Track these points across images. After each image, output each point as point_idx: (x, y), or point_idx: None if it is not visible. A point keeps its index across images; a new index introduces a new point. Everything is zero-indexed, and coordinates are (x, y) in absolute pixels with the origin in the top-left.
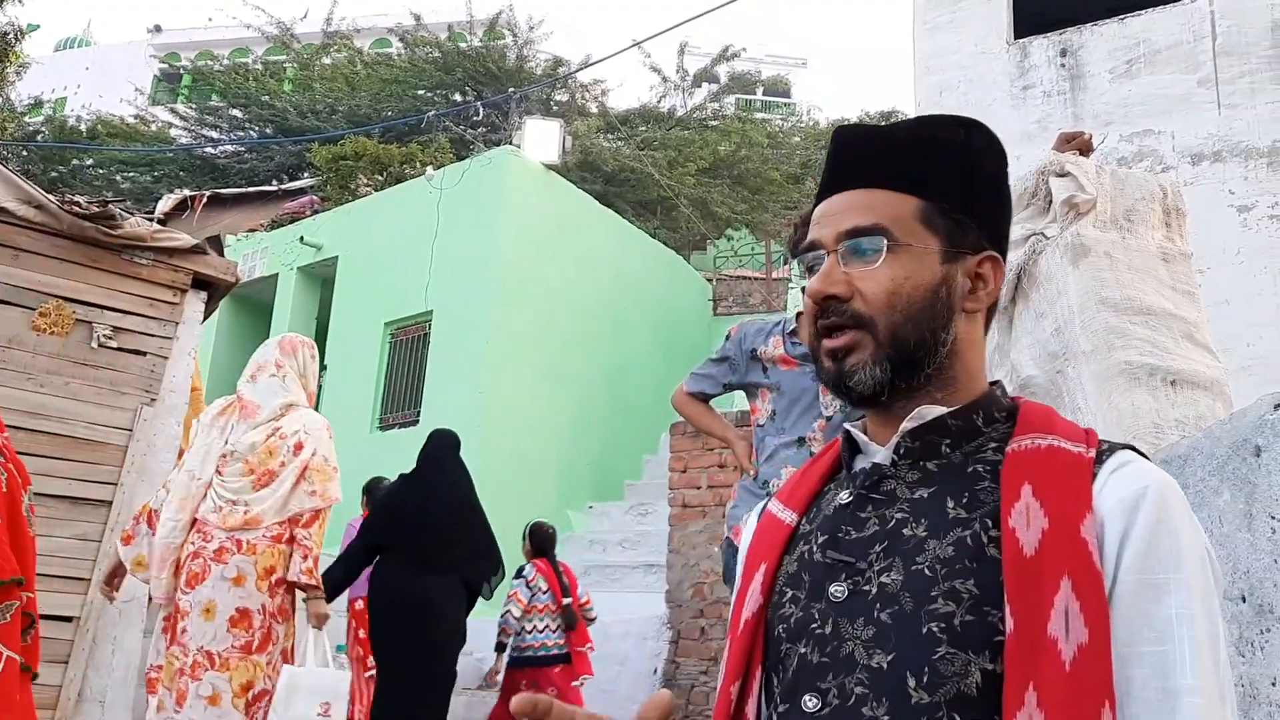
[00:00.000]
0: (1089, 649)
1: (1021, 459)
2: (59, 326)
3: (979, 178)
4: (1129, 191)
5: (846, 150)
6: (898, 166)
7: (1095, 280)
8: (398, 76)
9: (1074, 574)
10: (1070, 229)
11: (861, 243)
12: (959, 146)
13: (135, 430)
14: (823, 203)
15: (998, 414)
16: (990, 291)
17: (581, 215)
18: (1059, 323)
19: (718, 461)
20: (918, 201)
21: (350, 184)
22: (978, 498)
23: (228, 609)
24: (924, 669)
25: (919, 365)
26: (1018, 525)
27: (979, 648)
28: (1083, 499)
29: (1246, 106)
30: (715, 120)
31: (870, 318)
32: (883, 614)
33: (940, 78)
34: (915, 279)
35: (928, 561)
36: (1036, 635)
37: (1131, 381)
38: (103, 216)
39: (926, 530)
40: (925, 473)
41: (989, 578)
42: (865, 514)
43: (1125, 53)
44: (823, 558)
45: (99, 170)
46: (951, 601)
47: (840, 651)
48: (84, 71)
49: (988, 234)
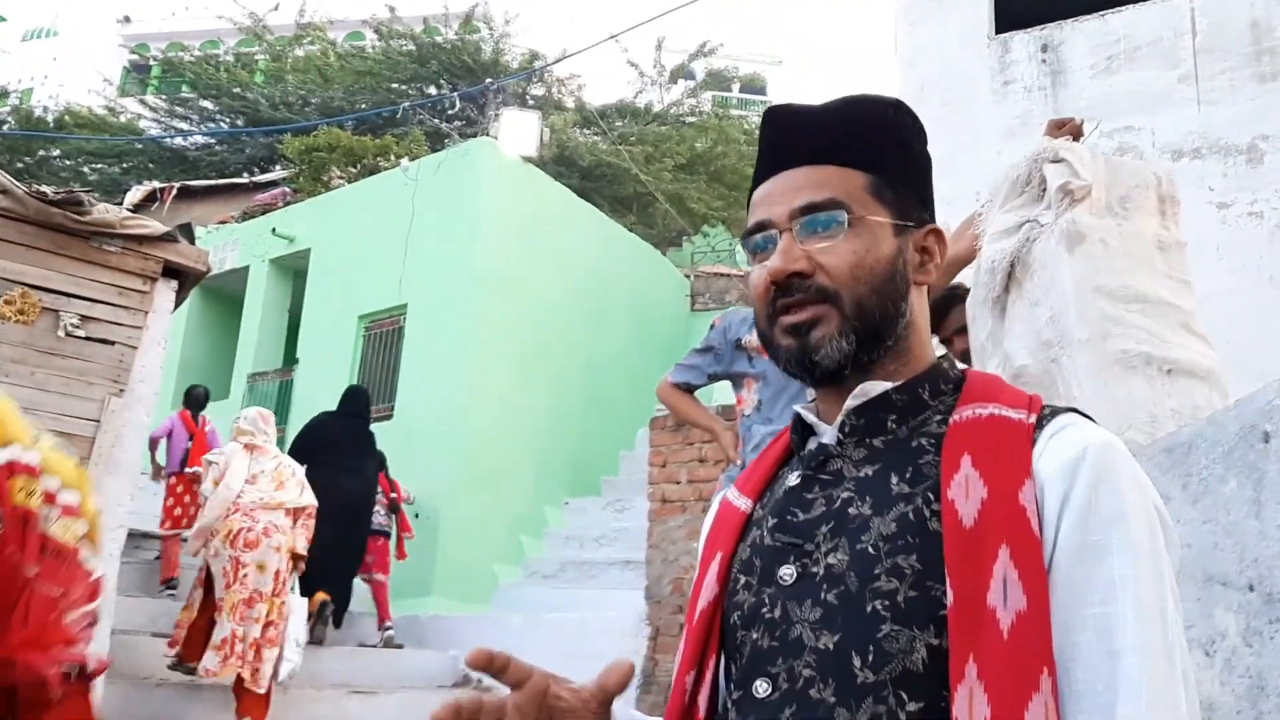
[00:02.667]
0: (1027, 616)
1: (963, 429)
2: (25, 315)
3: (912, 153)
4: (1123, 179)
5: (784, 130)
6: (841, 142)
7: (1091, 267)
8: (372, 69)
9: (1012, 542)
10: (1065, 215)
11: (819, 217)
12: (893, 123)
13: (103, 421)
14: (765, 183)
15: (944, 386)
16: (937, 264)
17: (559, 208)
18: (1054, 310)
19: (697, 456)
20: (866, 176)
21: (323, 176)
22: (921, 471)
23: (271, 567)
24: (869, 648)
25: (881, 338)
26: (957, 497)
27: (923, 623)
28: (1022, 465)
29: (1226, 103)
30: (692, 116)
31: (835, 291)
32: (829, 595)
33: (922, 73)
34: (875, 251)
35: (872, 539)
36: (977, 606)
37: (1128, 370)
38: (70, 202)
39: (871, 508)
40: (871, 450)
41: (931, 552)
42: (812, 495)
43: (1106, 49)
44: (773, 541)
45: (66, 161)
46: (894, 578)
47: (789, 635)
48: (51, 62)
49: (926, 208)
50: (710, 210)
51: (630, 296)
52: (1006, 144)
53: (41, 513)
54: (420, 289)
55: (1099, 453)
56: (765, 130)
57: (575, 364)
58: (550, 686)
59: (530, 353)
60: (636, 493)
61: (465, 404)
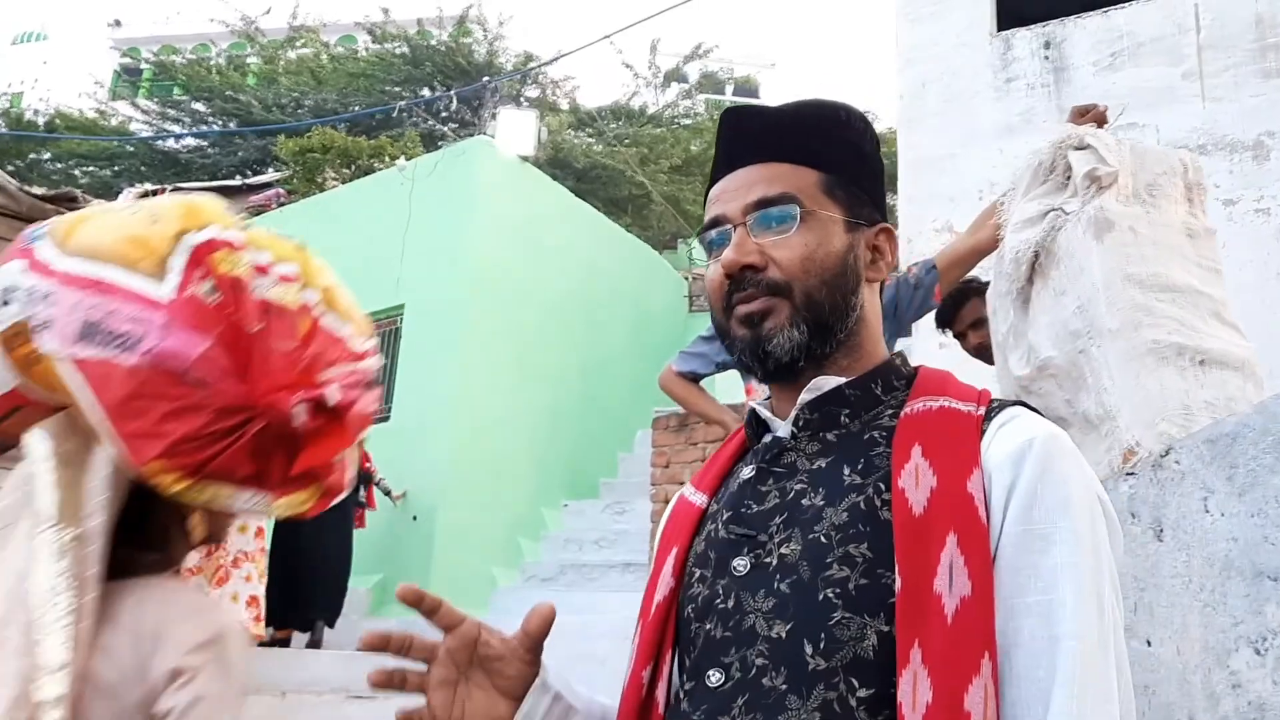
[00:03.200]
0: (971, 601)
1: (913, 421)
2: None
3: (864, 155)
4: (1149, 165)
5: (739, 129)
6: (794, 141)
7: (1120, 256)
8: (365, 70)
9: (959, 529)
10: (1093, 203)
11: (772, 212)
12: (844, 125)
13: None
14: (720, 180)
15: (896, 382)
16: (888, 263)
17: (557, 208)
18: (1082, 300)
19: (701, 456)
20: (818, 174)
21: (317, 177)
22: (873, 463)
23: (252, 527)
24: (820, 635)
25: (832, 331)
26: (907, 485)
27: (874, 610)
28: (970, 455)
29: (1230, 100)
30: (687, 118)
31: (786, 283)
32: (782, 584)
33: (923, 70)
34: (826, 246)
35: (824, 529)
36: (923, 592)
37: (1159, 360)
38: (64, 199)
39: (824, 499)
40: (825, 443)
41: (882, 540)
42: (766, 487)
43: (1109, 45)
44: (727, 534)
45: (57, 164)
46: (846, 566)
47: (743, 625)
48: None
49: (878, 208)
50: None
51: (628, 297)
52: (1008, 141)
53: (253, 280)
54: (417, 289)
55: (1044, 444)
56: (722, 130)
57: (573, 365)
58: (481, 633)
59: (528, 354)
60: (635, 495)
61: (463, 405)
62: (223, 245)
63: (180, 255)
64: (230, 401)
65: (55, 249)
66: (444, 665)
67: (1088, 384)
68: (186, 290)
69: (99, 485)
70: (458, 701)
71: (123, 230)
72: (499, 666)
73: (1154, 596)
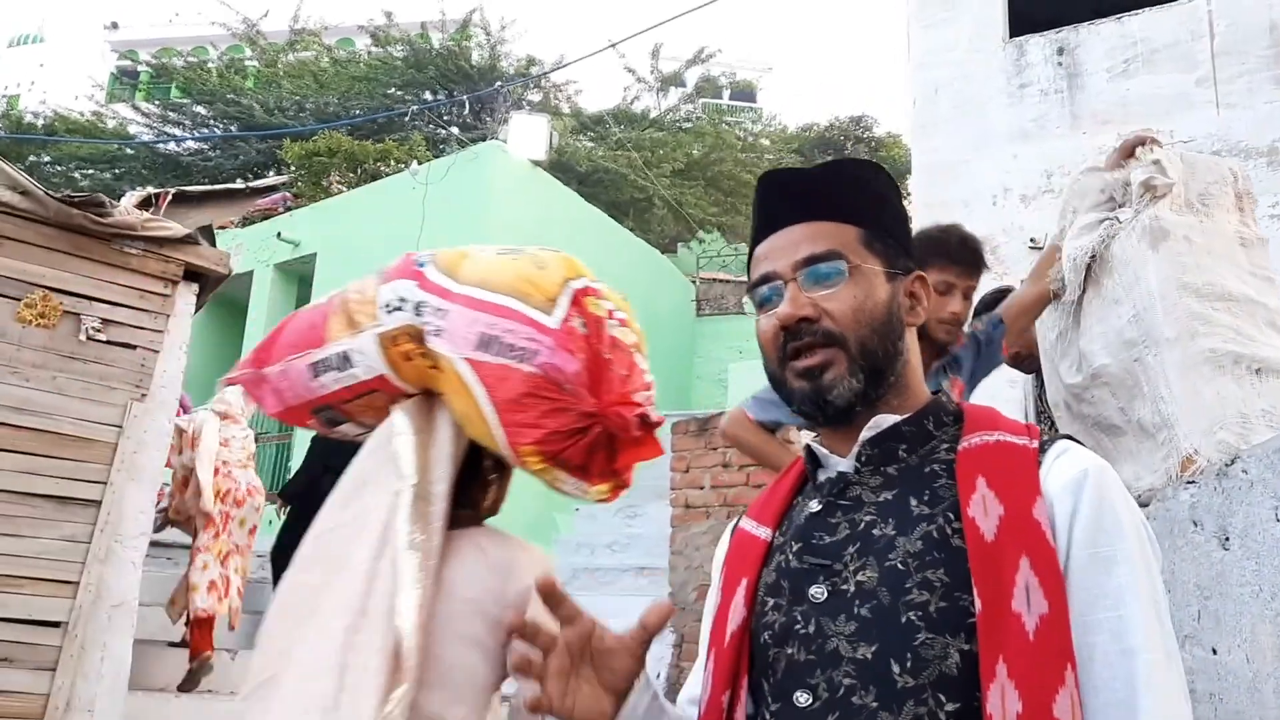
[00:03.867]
0: (1049, 619)
1: (973, 455)
2: (46, 318)
3: (894, 211)
4: (1200, 175)
5: (779, 191)
6: (833, 200)
7: (1176, 265)
8: (367, 74)
9: (1031, 553)
10: (1147, 212)
11: (821, 268)
12: (873, 181)
13: (125, 426)
14: (766, 240)
15: (945, 418)
16: (925, 307)
17: (567, 213)
18: (1138, 309)
19: (721, 461)
20: (858, 229)
21: (323, 181)
22: (938, 494)
23: (249, 523)
24: (907, 655)
25: (884, 376)
26: (976, 514)
27: (954, 630)
28: (1032, 485)
29: (1245, 106)
30: (688, 122)
31: (840, 334)
32: (862, 609)
33: (935, 75)
34: (873, 297)
35: (899, 557)
36: (1002, 612)
37: (1216, 369)
38: (91, 204)
39: (895, 529)
40: (886, 477)
41: (956, 565)
42: (835, 519)
43: (1123, 51)
44: (799, 564)
45: (57, 167)
46: (925, 591)
47: (825, 648)
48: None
49: (910, 256)
50: (707, 216)
51: (637, 302)
52: (1022, 146)
53: (607, 320)
54: None
55: (1098, 474)
56: (761, 192)
57: None
58: (596, 628)
59: None
60: (647, 499)
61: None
62: (591, 292)
63: (565, 296)
64: (587, 409)
65: (445, 276)
66: (561, 656)
67: (1143, 392)
68: (568, 323)
69: (444, 457)
70: (570, 692)
71: (516, 272)
72: (609, 661)
73: (1219, 604)
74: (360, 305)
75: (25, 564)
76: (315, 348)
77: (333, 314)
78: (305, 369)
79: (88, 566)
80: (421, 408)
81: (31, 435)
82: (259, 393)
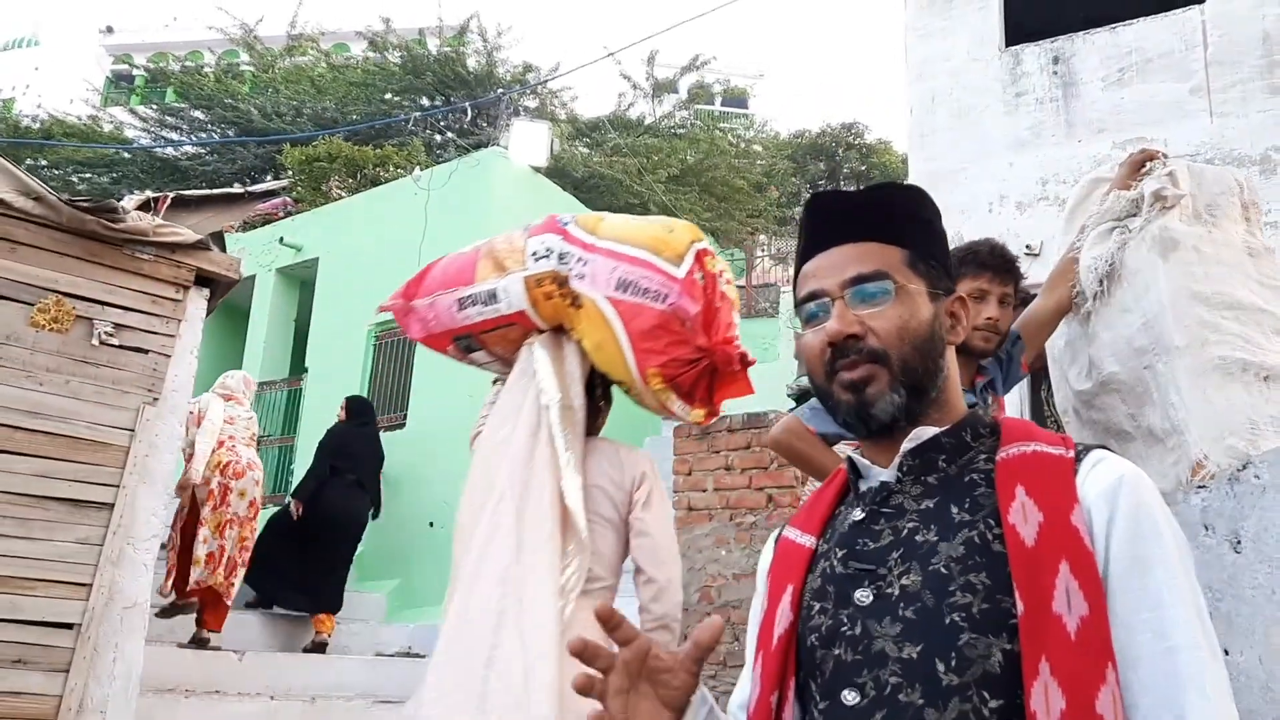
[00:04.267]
0: (1090, 620)
1: (1012, 465)
2: (59, 323)
3: (935, 231)
4: (1207, 185)
5: (828, 212)
6: (880, 222)
7: (1186, 274)
8: (365, 80)
9: (1070, 557)
10: (1156, 222)
11: (868, 287)
12: (918, 205)
13: (137, 430)
14: (814, 259)
15: (982, 430)
16: (964, 327)
17: None
18: (1148, 317)
19: (724, 464)
20: (902, 251)
21: (323, 186)
22: (978, 502)
23: (249, 495)
24: (951, 654)
25: (925, 392)
26: (1017, 521)
27: (997, 631)
28: (1069, 493)
29: (1238, 115)
30: (683, 129)
31: (885, 352)
32: (907, 611)
33: (932, 85)
34: (917, 316)
35: (942, 561)
36: (1044, 614)
37: (1226, 377)
38: (104, 209)
39: (937, 535)
40: (927, 486)
41: (998, 569)
42: (879, 526)
43: (1117, 61)
44: (844, 569)
45: (54, 171)
46: (968, 593)
47: (872, 649)
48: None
49: (950, 277)
50: (701, 222)
51: None
52: (1018, 155)
53: (720, 277)
54: None
55: (1132, 481)
56: (810, 213)
57: None
58: (651, 648)
59: None
60: None
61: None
62: (710, 254)
63: (690, 253)
64: (702, 344)
65: (586, 233)
66: (620, 675)
67: (1153, 399)
68: (691, 275)
69: (576, 379)
70: (629, 708)
71: (650, 233)
72: (666, 678)
73: (1232, 606)
74: (509, 253)
75: (39, 566)
76: (464, 285)
77: (481, 259)
78: (453, 302)
79: (100, 569)
80: (553, 341)
81: (45, 439)
82: (405, 321)
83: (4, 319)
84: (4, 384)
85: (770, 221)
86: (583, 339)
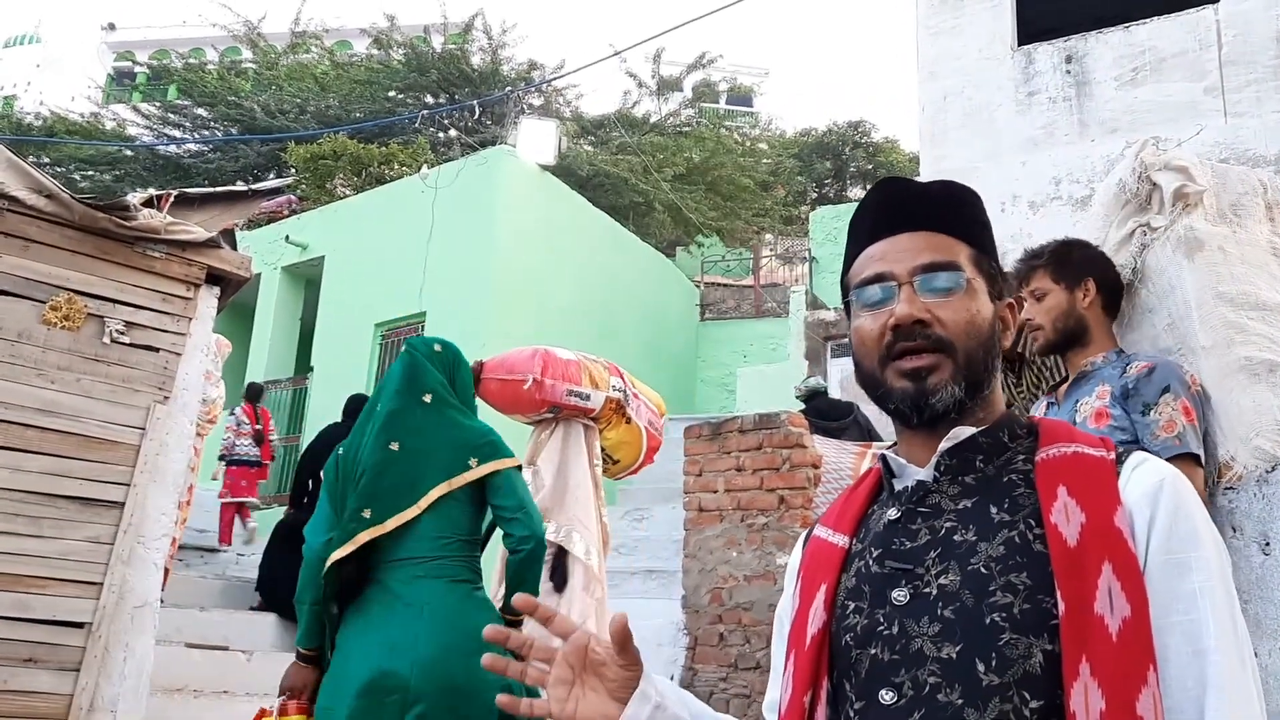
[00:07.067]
0: (1132, 621)
1: (1052, 465)
2: (70, 320)
3: (993, 238)
4: (1231, 185)
5: (899, 197)
6: (949, 216)
7: (1211, 275)
8: (369, 77)
9: (1113, 558)
10: (1181, 222)
11: (941, 276)
12: (980, 207)
13: (148, 429)
14: (880, 242)
15: (1019, 430)
16: (1011, 333)
17: (575, 217)
18: (1173, 317)
19: (734, 465)
20: (969, 248)
21: (328, 184)
22: (1017, 502)
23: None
24: (991, 654)
25: (981, 389)
26: (1059, 521)
27: (1038, 631)
28: (1112, 494)
29: (1253, 115)
30: (688, 127)
31: (951, 342)
32: (946, 611)
33: (944, 83)
34: (982, 313)
35: (981, 561)
36: (1085, 614)
37: (1252, 378)
38: (116, 207)
39: (976, 534)
40: (964, 486)
41: (1039, 569)
42: (915, 526)
43: (1131, 60)
44: (880, 569)
45: (56, 168)
46: (1009, 593)
47: (909, 649)
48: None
49: (1005, 282)
50: (706, 220)
51: (643, 306)
52: (1030, 154)
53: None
54: (439, 296)
55: (1173, 484)
56: (878, 196)
57: None
58: (590, 641)
59: None
60: (654, 501)
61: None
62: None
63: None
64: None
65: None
66: (561, 667)
67: None
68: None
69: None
70: (571, 699)
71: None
72: (604, 671)
73: (1260, 608)
74: (600, 379)
75: (50, 565)
76: (575, 384)
77: (583, 371)
78: (565, 389)
79: (111, 567)
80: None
81: (57, 437)
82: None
83: (16, 317)
84: (16, 382)
85: (776, 220)
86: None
